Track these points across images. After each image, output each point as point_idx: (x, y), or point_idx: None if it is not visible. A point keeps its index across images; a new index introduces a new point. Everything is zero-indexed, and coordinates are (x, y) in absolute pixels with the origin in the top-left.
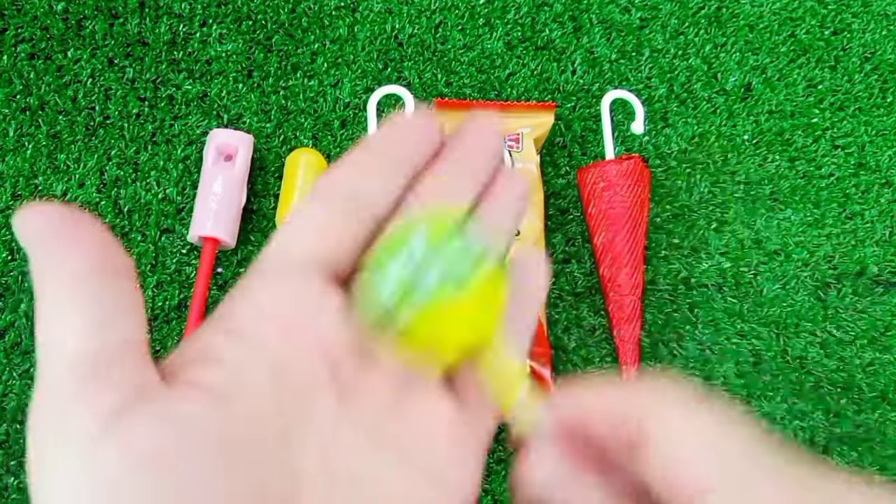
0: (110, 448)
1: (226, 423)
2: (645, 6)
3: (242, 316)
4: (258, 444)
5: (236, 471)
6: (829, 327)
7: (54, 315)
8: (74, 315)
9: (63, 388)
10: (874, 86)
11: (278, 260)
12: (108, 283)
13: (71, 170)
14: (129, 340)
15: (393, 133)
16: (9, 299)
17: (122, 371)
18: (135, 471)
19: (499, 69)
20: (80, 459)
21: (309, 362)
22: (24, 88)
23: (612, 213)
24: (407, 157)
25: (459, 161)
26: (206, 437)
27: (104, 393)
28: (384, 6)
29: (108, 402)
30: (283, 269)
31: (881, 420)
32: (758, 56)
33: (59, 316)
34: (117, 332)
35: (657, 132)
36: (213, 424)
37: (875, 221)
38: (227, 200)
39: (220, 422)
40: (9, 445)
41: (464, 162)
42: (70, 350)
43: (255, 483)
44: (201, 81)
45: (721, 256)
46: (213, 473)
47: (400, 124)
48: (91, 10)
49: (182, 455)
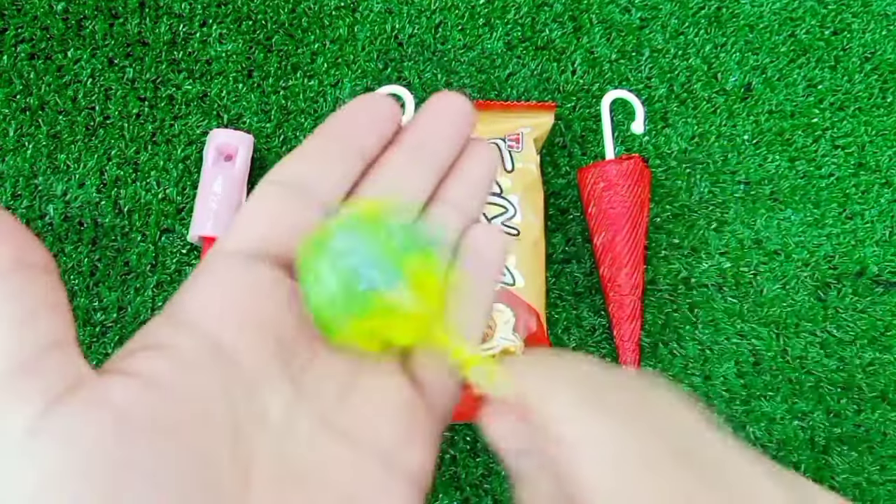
0: (47, 441)
1: (166, 410)
2: (645, 6)
3: (190, 305)
4: (205, 433)
5: (181, 459)
6: (829, 327)
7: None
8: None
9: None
10: (874, 86)
11: (229, 249)
12: (27, 280)
13: (71, 170)
14: (55, 335)
15: (348, 118)
16: None
17: (51, 365)
18: (75, 461)
19: (499, 69)
20: (18, 457)
21: (259, 350)
22: (24, 88)
23: (612, 213)
24: (361, 143)
25: (416, 146)
26: (143, 424)
27: (34, 387)
28: (384, 6)
29: (39, 396)
30: (232, 257)
31: (881, 420)
32: (758, 56)
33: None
34: (42, 328)
35: (657, 132)
36: (150, 411)
37: (875, 221)
38: (227, 200)
39: (158, 409)
40: None
41: (421, 146)
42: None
43: (202, 472)
44: (201, 81)
45: (721, 256)
46: (156, 461)
47: (355, 108)
48: (91, 10)
49: (121, 442)
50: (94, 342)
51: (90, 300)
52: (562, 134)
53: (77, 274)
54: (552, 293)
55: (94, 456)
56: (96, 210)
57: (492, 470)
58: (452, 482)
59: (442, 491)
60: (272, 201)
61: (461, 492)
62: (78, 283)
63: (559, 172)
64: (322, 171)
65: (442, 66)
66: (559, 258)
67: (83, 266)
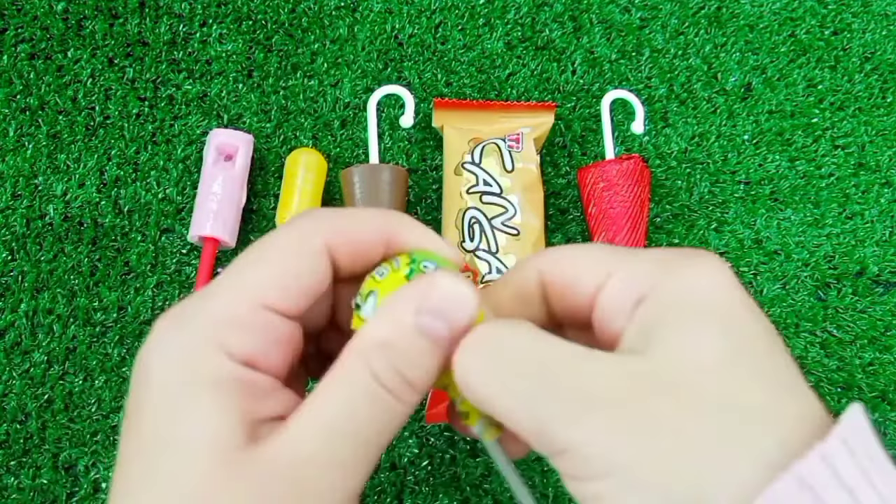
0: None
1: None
2: (645, 6)
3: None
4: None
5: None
6: (829, 327)
7: None
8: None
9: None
10: (874, 86)
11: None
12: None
13: (71, 170)
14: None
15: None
16: (9, 299)
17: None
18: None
19: (499, 69)
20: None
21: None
22: (24, 88)
23: (612, 213)
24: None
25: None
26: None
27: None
28: (384, 6)
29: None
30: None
31: (881, 420)
32: (758, 56)
33: None
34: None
35: (657, 132)
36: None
37: (875, 221)
38: (227, 200)
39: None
40: (9, 445)
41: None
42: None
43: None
44: (201, 81)
45: (721, 256)
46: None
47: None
48: (91, 10)
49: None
50: (94, 342)
51: (90, 300)
52: (562, 134)
53: (77, 274)
54: None
55: None
56: (96, 210)
57: (492, 470)
58: (452, 482)
59: (442, 491)
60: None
61: (461, 492)
62: (78, 283)
63: (559, 172)
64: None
65: (442, 66)
66: None
67: (83, 266)
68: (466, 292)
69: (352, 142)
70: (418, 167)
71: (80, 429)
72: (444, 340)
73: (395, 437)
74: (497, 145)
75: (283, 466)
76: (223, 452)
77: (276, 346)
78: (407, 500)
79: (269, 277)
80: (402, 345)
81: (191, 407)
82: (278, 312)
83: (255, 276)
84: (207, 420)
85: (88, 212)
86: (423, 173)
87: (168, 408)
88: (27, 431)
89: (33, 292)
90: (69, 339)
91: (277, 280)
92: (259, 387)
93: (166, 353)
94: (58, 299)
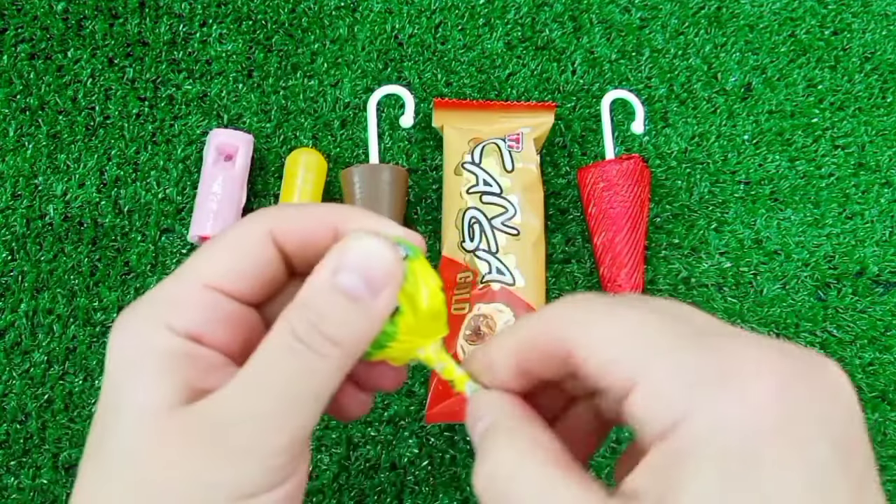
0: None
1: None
2: (645, 6)
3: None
4: None
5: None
6: (829, 327)
7: None
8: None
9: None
10: (874, 86)
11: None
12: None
13: (71, 170)
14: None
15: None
16: (9, 299)
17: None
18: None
19: (499, 69)
20: None
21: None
22: (24, 88)
23: (612, 213)
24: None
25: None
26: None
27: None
28: (384, 6)
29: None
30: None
31: (881, 420)
32: (758, 56)
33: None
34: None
35: (657, 132)
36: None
37: (875, 221)
38: (227, 200)
39: None
40: (9, 445)
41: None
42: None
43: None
44: (201, 81)
45: (721, 256)
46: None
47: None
48: (91, 10)
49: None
50: (94, 342)
51: (90, 300)
52: (562, 134)
53: (77, 274)
54: (552, 293)
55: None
56: (96, 210)
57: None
58: (452, 482)
59: (442, 491)
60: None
61: (461, 492)
62: (78, 283)
63: (559, 172)
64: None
65: (442, 66)
66: (559, 258)
67: (83, 266)
68: (380, 248)
69: (352, 142)
70: (418, 167)
71: (80, 429)
72: (364, 296)
73: (331, 394)
74: (497, 145)
75: (209, 421)
76: (158, 412)
77: (222, 324)
78: (407, 500)
79: (213, 261)
80: (317, 301)
81: (136, 376)
82: (225, 293)
83: (199, 260)
84: (147, 386)
85: (88, 212)
86: (423, 173)
87: (117, 379)
88: (27, 431)
89: (33, 292)
90: (69, 339)
91: (221, 264)
92: (204, 360)
93: (120, 333)
94: (58, 299)
